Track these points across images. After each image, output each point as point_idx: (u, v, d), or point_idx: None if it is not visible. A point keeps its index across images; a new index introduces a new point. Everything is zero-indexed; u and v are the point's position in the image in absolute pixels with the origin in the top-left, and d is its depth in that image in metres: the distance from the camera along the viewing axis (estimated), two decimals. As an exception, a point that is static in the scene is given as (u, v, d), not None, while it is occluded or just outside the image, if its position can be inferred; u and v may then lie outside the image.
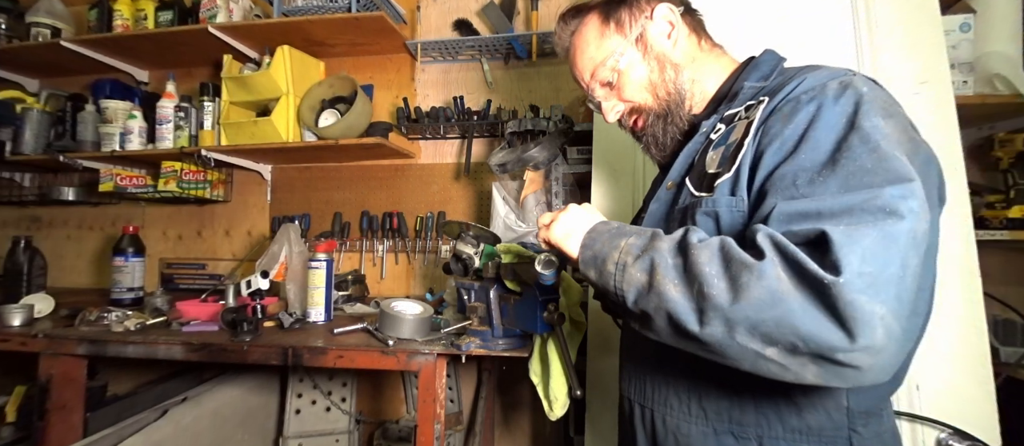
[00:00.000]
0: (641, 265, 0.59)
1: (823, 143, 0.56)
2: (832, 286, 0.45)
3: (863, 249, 0.46)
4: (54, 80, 2.33)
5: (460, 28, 1.99)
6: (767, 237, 0.52)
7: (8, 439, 1.58)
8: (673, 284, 0.55)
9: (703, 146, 0.74)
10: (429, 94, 2.06)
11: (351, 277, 1.78)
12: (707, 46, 0.82)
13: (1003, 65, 1.33)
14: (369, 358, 1.18)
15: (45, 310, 1.54)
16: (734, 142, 0.67)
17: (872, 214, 0.48)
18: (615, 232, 0.65)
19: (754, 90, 0.72)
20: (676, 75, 0.79)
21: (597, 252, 0.65)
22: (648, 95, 0.80)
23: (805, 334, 0.47)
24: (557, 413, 1.16)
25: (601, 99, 0.83)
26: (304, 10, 1.78)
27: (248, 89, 1.85)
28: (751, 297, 0.49)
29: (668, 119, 0.80)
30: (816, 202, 0.52)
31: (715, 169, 0.68)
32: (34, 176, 2.29)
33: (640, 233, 0.63)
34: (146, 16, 1.96)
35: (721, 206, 0.64)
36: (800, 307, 0.47)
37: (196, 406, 1.57)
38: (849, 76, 0.61)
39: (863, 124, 0.55)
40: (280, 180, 2.16)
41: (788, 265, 0.49)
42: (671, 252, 0.58)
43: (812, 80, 0.63)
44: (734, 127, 0.69)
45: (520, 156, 1.56)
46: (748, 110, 0.69)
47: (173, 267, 2.12)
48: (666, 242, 0.59)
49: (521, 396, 1.95)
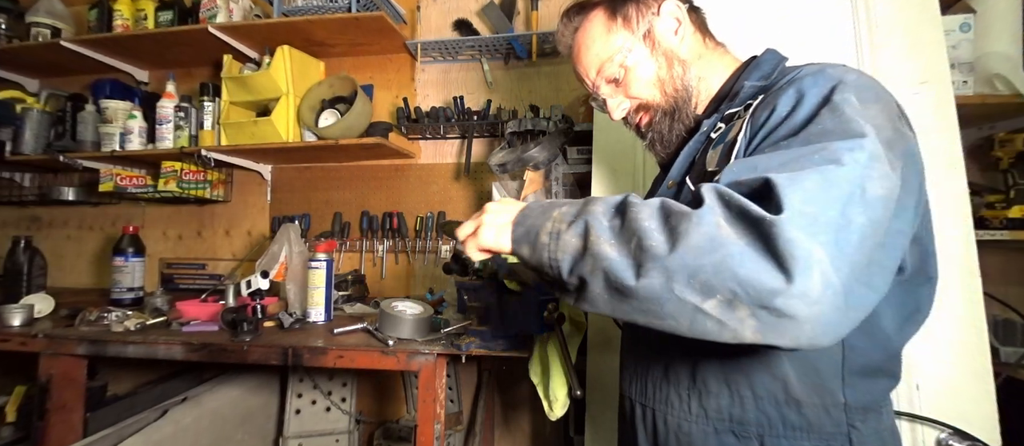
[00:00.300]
0: (575, 229, 0.57)
1: (797, 120, 0.57)
2: (773, 224, 0.44)
3: (804, 191, 0.46)
4: (54, 80, 2.33)
5: (460, 28, 1.99)
6: (710, 188, 0.51)
7: (8, 439, 1.58)
8: (609, 243, 0.53)
9: (704, 145, 0.74)
10: (429, 94, 2.06)
11: (351, 277, 1.78)
12: (711, 44, 0.82)
13: (1003, 65, 1.33)
14: (369, 358, 1.19)
15: (45, 310, 1.54)
16: (731, 141, 0.67)
17: (816, 163, 0.49)
18: (548, 205, 0.64)
19: (754, 89, 0.71)
20: (684, 72, 0.78)
21: (529, 227, 0.63)
22: (656, 92, 0.78)
23: (743, 278, 0.45)
24: (557, 413, 1.16)
25: (606, 96, 0.82)
26: (304, 10, 1.78)
27: (248, 89, 1.85)
28: (690, 243, 0.47)
29: (675, 116, 0.79)
30: (767, 159, 0.53)
31: (714, 168, 0.68)
32: (34, 176, 2.29)
33: (573, 203, 0.62)
34: (146, 16, 1.96)
35: None
36: (739, 250, 0.46)
37: (196, 406, 1.57)
38: (835, 68, 0.62)
39: (834, 98, 0.56)
40: (280, 180, 2.16)
41: (729, 210, 0.48)
42: (607, 214, 0.56)
43: (806, 74, 0.63)
44: (732, 126, 0.69)
45: (520, 156, 1.56)
46: (747, 109, 0.69)
47: (173, 267, 2.12)
48: (601, 205, 0.58)
49: (521, 396, 1.95)
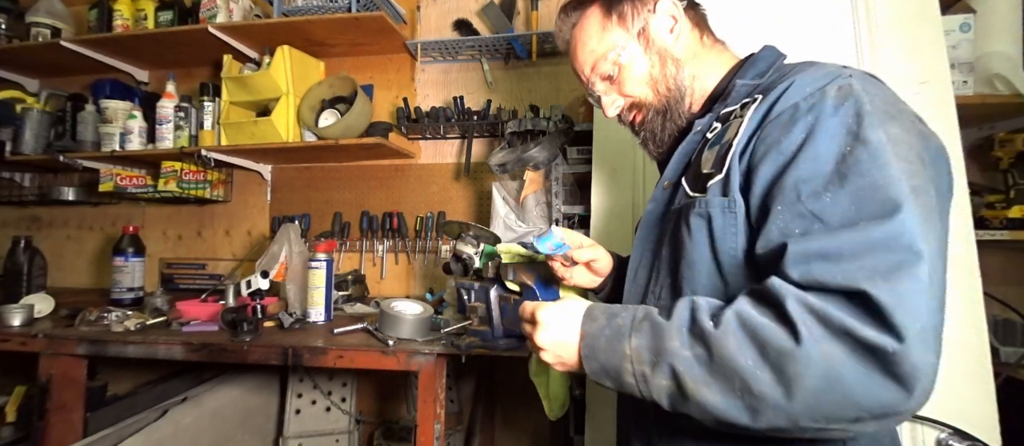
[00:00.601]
0: (662, 373, 0.54)
1: (824, 154, 0.54)
2: (896, 354, 0.44)
3: (912, 307, 0.45)
4: (54, 80, 2.33)
5: (460, 28, 1.99)
6: (800, 305, 0.48)
7: (8, 439, 1.58)
8: (708, 387, 0.51)
9: (699, 145, 0.73)
10: (429, 94, 2.05)
11: (351, 277, 1.78)
12: (709, 42, 0.81)
13: (1003, 65, 1.33)
14: (369, 358, 1.18)
15: (45, 310, 1.54)
16: (727, 142, 0.66)
17: (899, 256, 0.46)
18: (611, 335, 0.59)
19: (749, 88, 0.71)
20: (677, 71, 0.77)
21: (604, 364, 0.59)
22: (648, 90, 0.78)
23: (868, 405, 0.46)
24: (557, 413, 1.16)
25: (601, 93, 0.82)
26: (304, 10, 1.78)
27: (248, 89, 1.85)
28: (807, 388, 0.46)
29: (667, 115, 0.78)
30: (833, 239, 0.50)
31: (709, 169, 0.67)
32: (34, 176, 2.29)
33: (638, 329, 0.57)
34: (146, 16, 1.96)
35: (714, 208, 0.63)
36: (857, 381, 0.45)
37: (196, 406, 1.57)
38: (846, 78, 0.59)
39: (870, 136, 0.52)
40: (280, 180, 2.16)
41: (836, 336, 0.46)
42: (687, 345, 0.53)
43: (807, 82, 0.61)
44: (729, 126, 0.68)
45: (520, 156, 1.56)
46: (743, 108, 0.68)
47: (173, 267, 2.12)
48: (675, 337, 0.53)
49: (521, 396, 1.95)
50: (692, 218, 0.65)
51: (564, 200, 1.58)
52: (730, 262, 0.62)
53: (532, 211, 1.65)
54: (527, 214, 1.66)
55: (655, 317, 0.57)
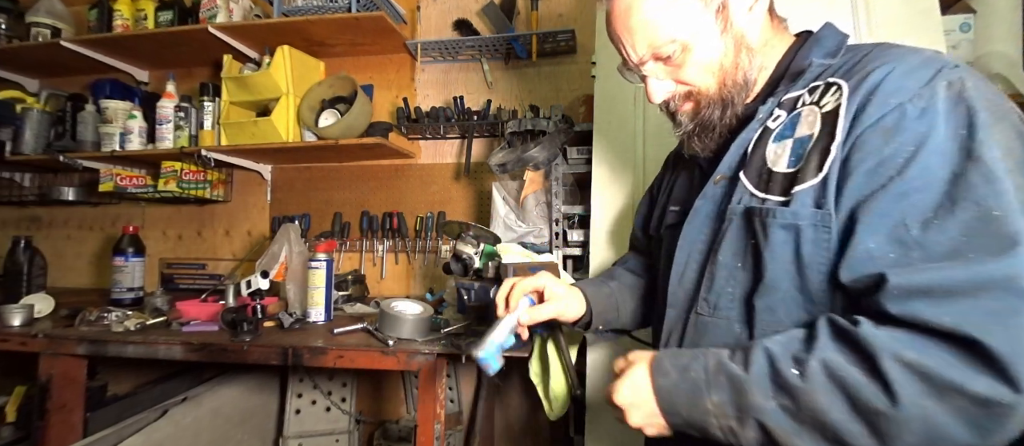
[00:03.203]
0: (751, 428, 0.51)
1: (934, 173, 0.48)
2: (1011, 406, 0.42)
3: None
4: (54, 80, 2.33)
5: (460, 28, 1.99)
6: (897, 364, 0.44)
7: (8, 439, 1.58)
8: (799, 438, 0.49)
9: (758, 135, 0.64)
10: (429, 94, 2.05)
11: (351, 277, 1.77)
12: (775, 25, 0.71)
13: (1003, 65, 1.33)
14: (369, 358, 1.18)
15: (45, 310, 1.54)
16: (809, 138, 0.57)
17: (1017, 299, 0.42)
18: (689, 391, 0.55)
19: (820, 69, 0.62)
20: (749, 61, 0.66)
21: (688, 420, 0.56)
22: (712, 80, 0.66)
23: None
24: (557, 413, 1.16)
25: (650, 75, 0.69)
26: (304, 10, 1.78)
27: (248, 89, 1.85)
28: (905, 444, 0.44)
29: (726, 109, 0.67)
30: (939, 273, 0.45)
31: (786, 168, 0.58)
32: (34, 176, 2.29)
33: (715, 383, 0.53)
34: (146, 16, 1.96)
35: (803, 219, 0.55)
36: (962, 435, 0.43)
37: (196, 406, 1.57)
38: (953, 71, 0.52)
39: (982, 154, 0.47)
40: (280, 180, 2.16)
41: (940, 393, 0.43)
42: (771, 395, 0.50)
43: (908, 74, 0.53)
44: (799, 115, 0.60)
45: (520, 156, 1.56)
46: (814, 93, 0.60)
47: (173, 267, 2.11)
48: (757, 391, 0.50)
49: (521, 396, 1.95)
50: (773, 229, 0.58)
51: (564, 200, 1.58)
52: (818, 282, 0.56)
53: (532, 211, 1.65)
54: (527, 214, 1.66)
55: (731, 369, 0.53)
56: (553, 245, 1.58)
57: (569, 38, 1.83)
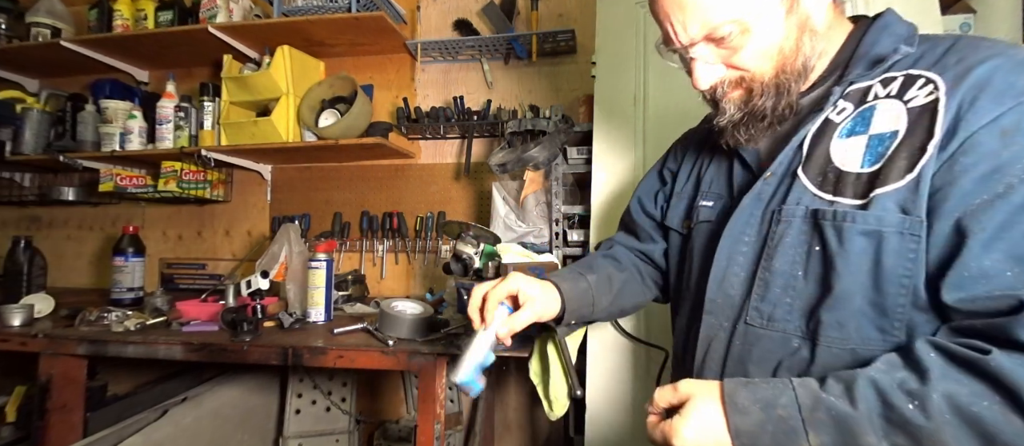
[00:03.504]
0: None
1: None
2: None
3: None
4: (54, 80, 2.33)
5: (460, 28, 1.99)
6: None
7: (8, 439, 1.58)
8: None
9: (817, 127, 0.59)
10: (429, 94, 2.05)
11: (351, 277, 1.78)
12: (837, 7, 0.64)
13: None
14: (369, 358, 1.18)
15: (45, 310, 1.54)
16: (892, 135, 0.52)
17: None
18: (778, 432, 0.47)
19: (901, 60, 0.56)
20: (812, 46, 0.61)
21: None
22: (769, 65, 0.60)
23: None
24: (557, 413, 1.16)
25: (699, 58, 0.62)
26: (304, 10, 1.78)
27: (248, 89, 1.85)
28: None
29: (780, 97, 0.61)
30: None
31: (861, 168, 0.53)
32: (34, 176, 2.29)
33: (814, 422, 0.45)
34: (146, 16, 1.96)
35: (888, 226, 0.50)
36: None
37: (196, 406, 1.57)
38: None
39: None
40: (280, 180, 2.16)
41: None
42: (883, 434, 0.43)
43: (1021, 74, 0.48)
44: (873, 108, 0.54)
45: (520, 156, 1.56)
46: (889, 84, 0.54)
47: (173, 267, 2.11)
48: (868, 430, 0.43)
49: (521, 396, 1.95)
50: (851, 236, 0.52)
51: (564, 200, 1.58)
52: (898, 295, 0.51)
53: (532, 211, 1.65)
54: (527, 214, 1.66)
55: (833, 404, 0.46)
56: (553, 245, 1.58)
57: (569, 38, 1.83)
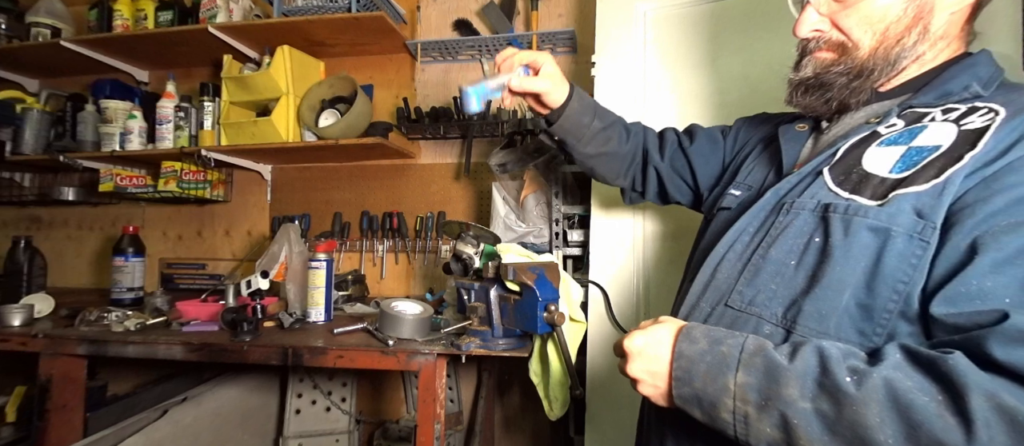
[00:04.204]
0: (770, 420, 0.46)
1: None
2: None
3: None
4: (54, 80, 2.33)
5: (460, 28, 1.99)
6: (988, 405, 0.39)
7: (8, 439, 1.58)
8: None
9: (861, 137, 0.59)
10: (429, 94, 2.06)
11: (351, 277, 1.78)
12: (965, 33, 0.63)
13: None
14: (369, 358, 1.18)
15: (45, 310, 1.54)
16: (933, 149, 0.51)
17: None
18: (714, 363, 0.50)
19: (968, 95, 0.56)
20: (916, 42, 0.59)
21: (699, 393, 0.51)
22: (870, 38, 0.59)
23: None
24: (557, 413, 1.16)
25: (813, 5, 0.62)
26: (304, 10, 1.78)
27: (248, 89, 1.85)
28: None
29: (857, 77, 0.61)
30: None
31: (887, 173, 0.53)
32: (34, 176, 2.29)
33: (749, 364, 0.49)
34: (146, 16, 1.96)
35: (898, 225, 0.50)
36: None
37: (196, 406, 1.57)
38: None
39: None
40: (280, 180, 2.16)
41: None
42: (810, 397, 0.45)
43: None
44: (923, 128, 0.54)
45: (520, 156, 1.56)
46: (950, 112, 0.54)
47: (173, 267, 2.12)
48: (795, 384, 0.46)
49: (521, 396, 1.95)
50: (858, 229, 0.52)
51: (564, 200, 1.58)
52: (889, 299, 0.50)
53: (532, 211, 1.65)
54: (527, 214, 1.66)
55: (771, 354, 0.49)
56: (553, 245, 1.58)
57: (569, 38, 1.83)
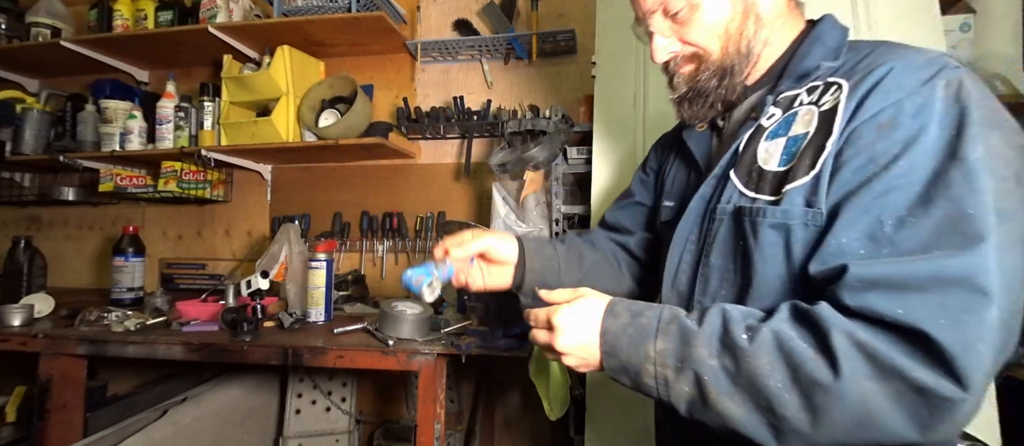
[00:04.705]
0: (685, 379, 0.52)
1: (918, 171, 0.48)
2: (954, 402, 0.42)
3: (978, 355, 0.42)
4: (54, 80, 2.33)
5: (460, 28, 1.99)
6: (847, 341, 0.45)
7: (8, 439, 1.58)
8: (731, 400, 0.49)
9: (751, 132, 0.64)
10: (429, 94, 2.05)
11: (351, 277, 1.78)
12: (792, 6, 0.69)
13: (1003, 65, 1.33)
14: (369, 358, 1.18)
15: (45, 310, 1.54)
16: (803, 136, 0.57)
17: (971, 296, 0.43)
18: (635, 334, 0.56)
19: (823, 73, 0.61)
20: (756, 31, 0.66)
21: (625, 363, 0.56)
22: (716, 44, 0.66)
23: (894, 441, 0.44)
24: (557, 413, 1.16)
25: (656, 31, 0.68)
26: (304, 10, 1.78)
27: (248, 89, 1.85)
28: (835, 422, 0.45)
29: (724, 79, 0.67)
30: (899, 267, 0.45)
31: (777, 167, 0.58)
32: (34, 176, 2.29)
33: (665, 331, 0.54)
34: (146, 16, 1.96)
35: (794, 219, 0.55)
36: (892, 421, 0.43)
37: (196, 406, 1.57)
38: (954, 71, 0.52)
39: (967, 154, 0.46)
40: (280, 180, 2.16)
41: (882, 375, 0.43)
42: (716, 354, 0.50)
43: (910, 72, 0.53)
44: (795, 114, 0.59)
45: (520, 156, 1.56)
46: (813, 92, 0.59)
47: (173, 267, 2.12)
48: (704, 344, 0.51)
49: (521, 396, 1.95)
50: (763, 229, 0.57)
51: (564, 200, 1.58)
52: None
53: (532, 211, 1.65)
54: (527, 214, 1.66)
55: (684, 321, 0.54)
56: (553, 245, 1.57)
57: (569, 38, 1.83)
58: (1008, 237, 0.44)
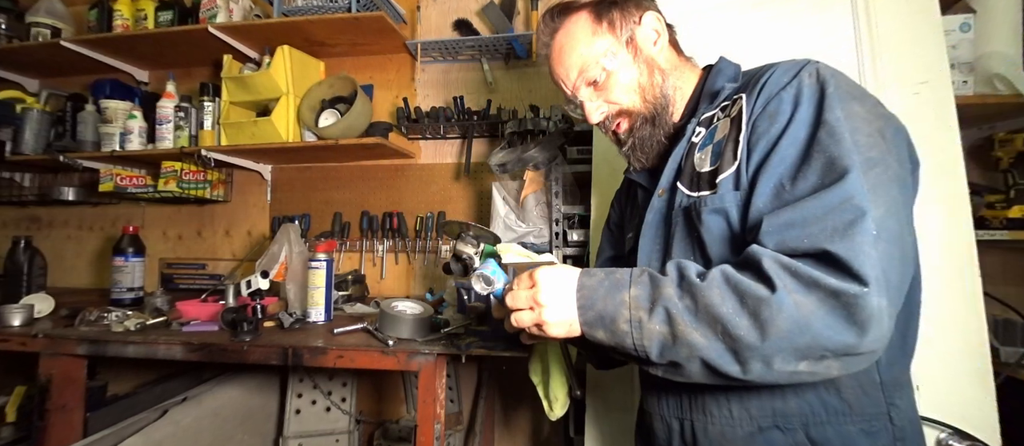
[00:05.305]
0: (658, 317, 0.60)
1: (798, 140, 0.62)
2: (859, 297, 0.51)
3: (867, 256, 0.52)
4: (54, 80, 2.33)
5: (460, 28, 1.99)
6: (775, 263, 0.56)
7: (8, 439, 1.58)
8: (696, 331, 0.58)
9: (686, 150, 0.77)
10: (429, 94, 2.05)
11: (351, 277, 1.78)
12: (682, 59, 0.87)
13: (1003, 65, 1.33)
14: (369, 358, 1.18)
15: (45, 310, 1.54)
16: (724, 138, 0.70)
17: (850, 214, 0.54)
18: (610, 286, 0.65)
19: (729, 91, 0.76)
20: (663, 81, 0.81)
21: (601, 313, 0.64)
22: (636, 98, 0.81)
23: (831, 346, 0.53)
24: (557, 413, 1.16)
25: (585, 99, 0.83)
26: (304, 10, 1.78)
27: (248, 89, 1.85)
28: (778, 330, 0.54)
29: (656, 123, 0.81)
30: (799, 209, 0.58)
31: (709, 167, 0.71)
32: (34, 176, 2.29)
33: (637, 281, 0.64)
34: (146, 16, 1.96)
35: (727, 201, 0.67)
36: (824, 325, 0.53)
37: (196, 406, 1.57)
38: (814, 64, 0.67)
39: (828, 118, 0.61)
40: (280, 180, 2.16)
41: (806, 287, 0.54)
42: (678, 295, 0.60)
43: (784, 71, 0.68)
44: (715, 127, 0.73)
45: (520, 156, 1.56)
46: (725, 109, 0.73)
47: (173, 267, 2.12)
48: (670, 286, 0.61)
49: (521, 396, 1.95)
50: (707, 215, 0.69)
51: (564, 200, 1.58)
52: None
53: (532, 211, 1.65)
54: (527, 214, 1.66)
55: (651, 272, 0.64)
56: (553, 245, 1.58)
57: (569, 38, 1.83)
58: (883, 177, 0.57)
